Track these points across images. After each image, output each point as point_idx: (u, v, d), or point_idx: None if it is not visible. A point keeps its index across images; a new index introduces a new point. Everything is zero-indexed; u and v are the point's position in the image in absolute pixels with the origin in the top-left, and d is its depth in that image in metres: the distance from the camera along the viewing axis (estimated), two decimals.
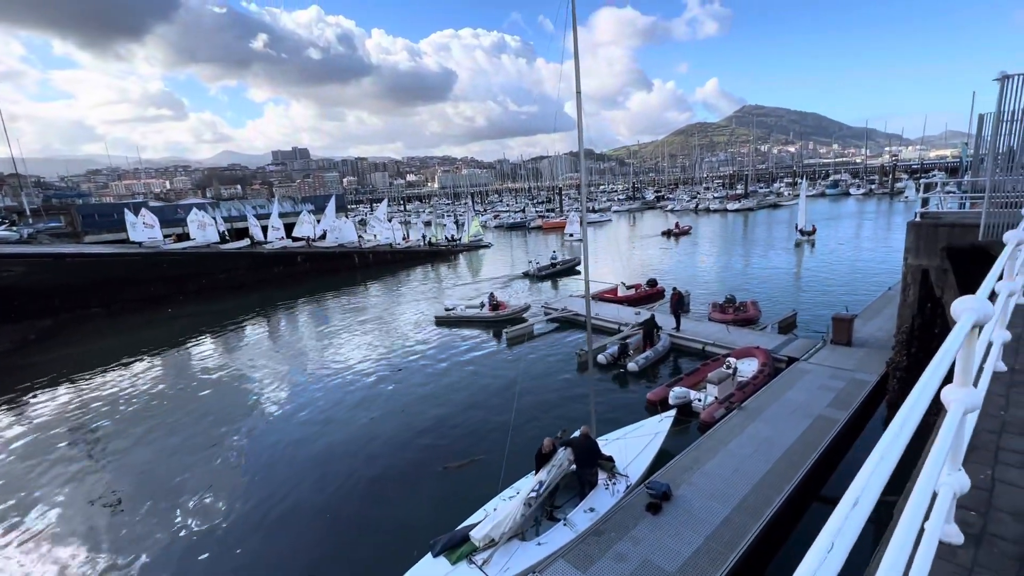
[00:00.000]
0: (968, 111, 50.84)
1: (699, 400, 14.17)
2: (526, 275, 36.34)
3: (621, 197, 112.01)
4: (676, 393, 14.08)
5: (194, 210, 41.61)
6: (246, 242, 44.63)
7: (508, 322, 23.77)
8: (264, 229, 46.65)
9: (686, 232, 55.23)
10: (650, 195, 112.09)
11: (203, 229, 40.53)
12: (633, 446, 11.38)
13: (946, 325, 12.22)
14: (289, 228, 47.15)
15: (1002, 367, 4.60)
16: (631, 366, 17.10)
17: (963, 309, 2.13)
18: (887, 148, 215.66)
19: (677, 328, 19.89)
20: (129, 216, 40.81)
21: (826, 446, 10.92)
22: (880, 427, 12.91)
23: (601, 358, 17.96)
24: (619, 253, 44.41)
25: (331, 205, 50.95)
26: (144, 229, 40.61)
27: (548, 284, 34.06)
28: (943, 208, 14.09)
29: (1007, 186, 10.53)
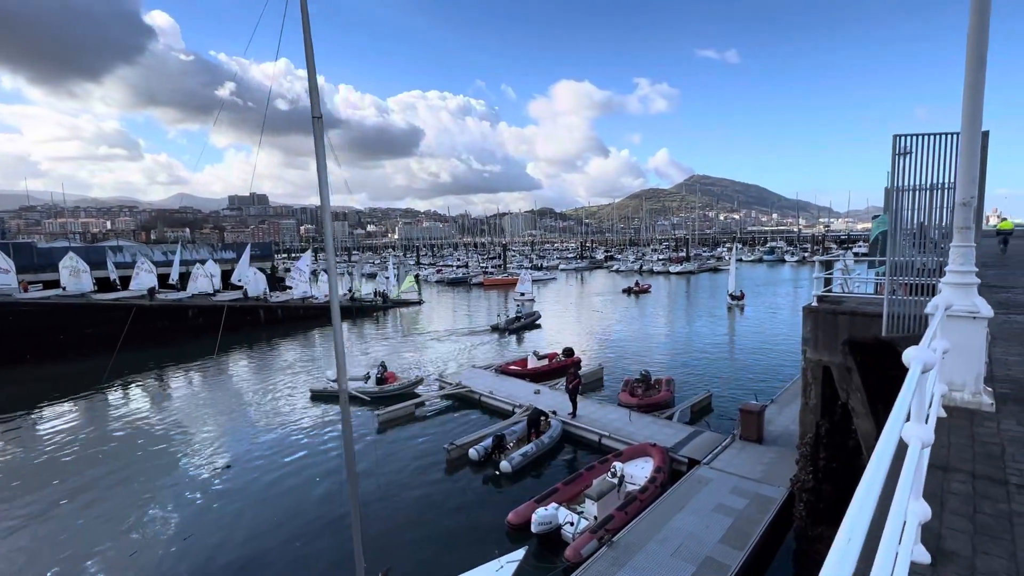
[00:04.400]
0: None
1: (571, 524, 11.01)
2: (495, 328, 35.80)
3: (570, 256, 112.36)
4: (540, 517, 10.88)
5: (69, 254, 36.55)
6: (124, 293, 39.53)
7: (395, 398, 20.26)
8: (163, 277, 41.75)
9: (646, 290, 55.65)
10: (600, 255, 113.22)
11: (77, 276, 35.38)
12: None
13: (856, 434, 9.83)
14: (185, 277, 42.44)
15: None
16: (504, 466, 13.86)
17: None
18: (820, 219, 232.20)
19: (573, 414, 16.98)
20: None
21: None
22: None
23: (473, 453, 14.68)
24: (553, 312, 42.07)
25: (245, 254, 46.81)
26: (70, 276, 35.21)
27: (515, 338, 33.62)
28: (848, 290, 12.17)
29: (913, 268, 8.52)
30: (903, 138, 8.03)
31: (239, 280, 45.20)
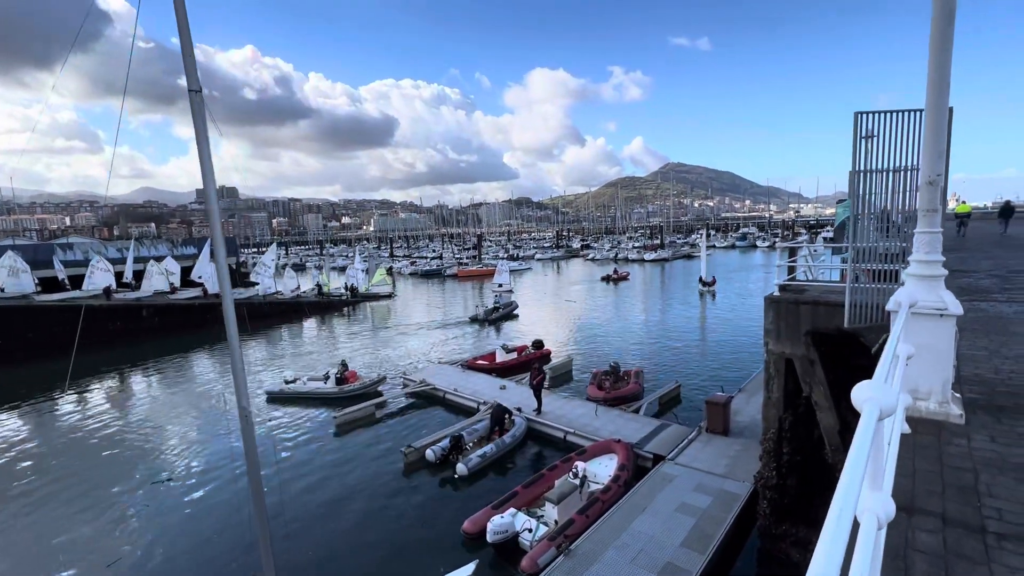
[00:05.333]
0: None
1: (529, 531, 10.43)
2: (474, 319, 35.39)
3: (547, 245, 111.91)
4: (496, 526, 10.24)
5: (8, 253, 34.16)
6: (71, 293, 37.41)
7: (357, 398, 19.35)
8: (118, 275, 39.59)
9: (624, 278, 56.06)
10: (576, 243, 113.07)
11: (16, 276, 33.11)
12: None
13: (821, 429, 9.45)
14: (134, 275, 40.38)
15: None
16: (460, 468, 13.19)
17: None
18: (791, 205, 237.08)
19: (538, 411, 16.41)
20: None
21: None
22: None
23: (430, 454, 13.97)
24: (531, 302, 41.44)
25: (205, 250, 44.80)
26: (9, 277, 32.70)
27: (494, 328, 33.37)
28: (812, 277, 11.76)
29: (876, 254, 8.06)
30: (865, 115, 7.52)
31: (199, 277, 43.31)
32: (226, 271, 6.14)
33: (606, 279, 55.78)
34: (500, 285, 47.83)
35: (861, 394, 1.52)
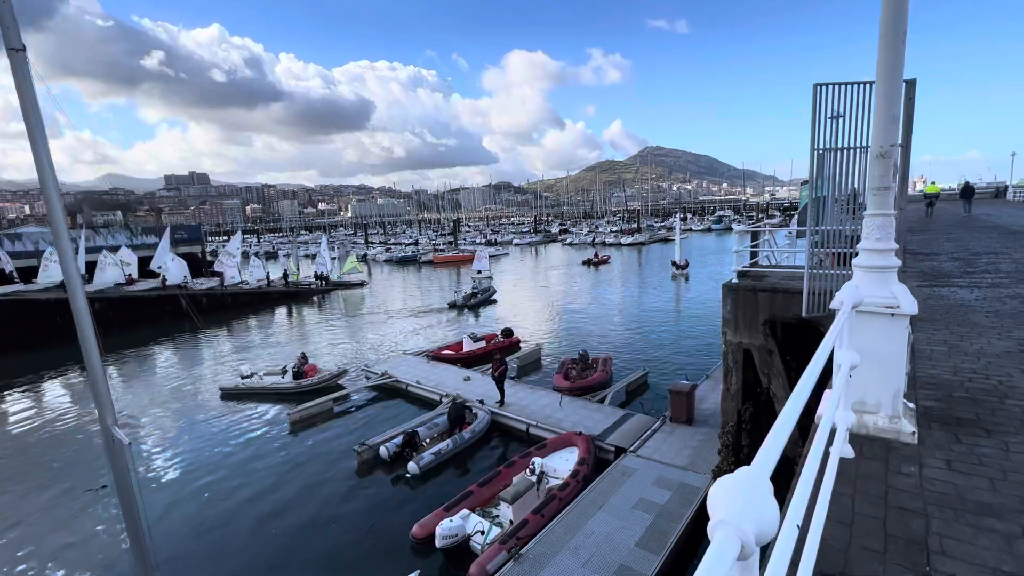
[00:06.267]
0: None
1: (482, 533, 9.90)
2: (452, 305, 35.08)
3: (525, 230, 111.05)
4: (445, 530, 9.68)
5: None
6: (14, 287, 35.46)
7: (315, 393, 18.51)
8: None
9: (605, 261, 56.43)
10: (555, 228, 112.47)
11: None
12: None
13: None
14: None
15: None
16: (411, 467, 12.57)
17: None
18: (767, 188, 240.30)
19: (501, 403, 15.86)
20: None
21: None
22: None
23: (383, 451, 13.33)
24: (509, 288, 40.77)
25: (165, 239, 42.83)
26: None
27: (472, 314, 33.13)
28: (777, 262, 11.33)
29: (833, 237, 7.56)
30: (825, 88, 6.93)
31: (159, 267, 41.42)
32: (72, 262, 5.26)
33: (587, 263, 55.77)
34: (479, 272, 47.00)
35: (716, 510, 0.87)
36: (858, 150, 7.03)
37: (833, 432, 2.73)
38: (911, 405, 3.25)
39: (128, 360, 26.21)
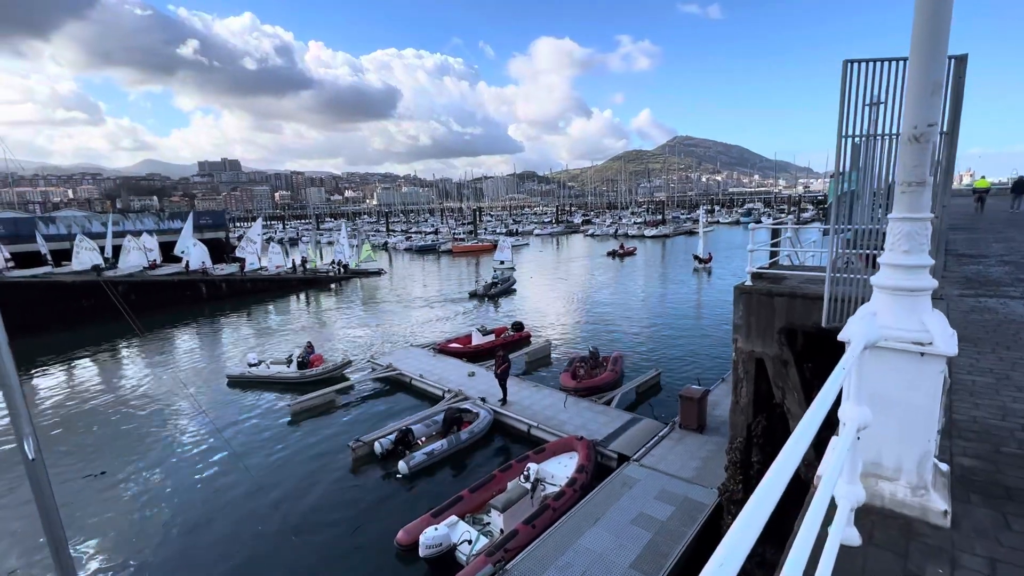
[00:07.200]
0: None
1: (468, 543, 9.40)
2: (473, 295, 34.93)
3: (547, 220, 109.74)
4: (429, 538, 9.20)
5: None
6: (44, 269, 36.58)
7: (319, 383, 18.33)
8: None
9: (631, 253, 55.53)
10: (578, 219, 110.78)
11: None
12: None
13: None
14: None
15: None
16: (401, 466, 12.14)
17: None
18: (800, 180, 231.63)
19: (503, 401, 15.30)
20: None
21: None
22: None
23: (378, 447, 12.97)
24: (529, 278, 40.10)
25: (188, 224, 43.62)
26: None
27: (492, 304, 32.80)
28: (801, 261, 10.33)
29: (868, 237, 6.62)
30: (856, 64, 5.99)
31: (181, 252, 42.22)
32: None
33: (612, 254, 54.75)
34: (502, 263, 46.24)
35: None
36: (895, 137, 6.09)
37: (833, 505, 2.03)
38: (943, 467, 2.49)
39: (145, 343, 26.66)
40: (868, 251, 6.29)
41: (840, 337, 2.34)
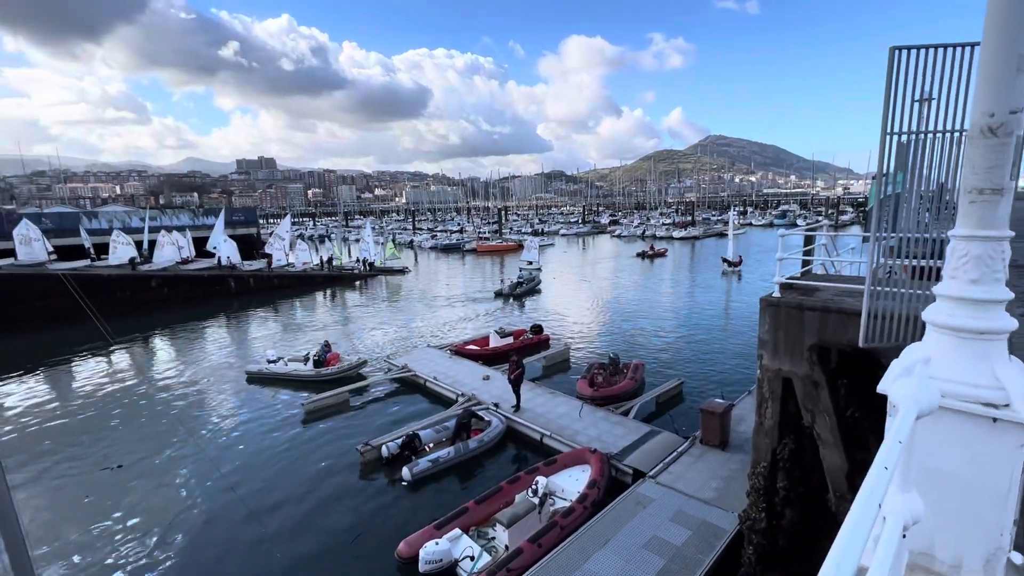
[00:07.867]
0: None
1: (471, 559, 9.00)
2: (498, 294, 35.05)
3: (573, 220, 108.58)
4: (429, 553, 8.84)
5: (24, 222, 34.65)
6: (84, 262, 37.95)
7: (334, 383, 18.30)
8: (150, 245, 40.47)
9: (661, 254, 54.72)
10: (605, 219, 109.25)
11: (28, 245, 33.60)
12: None
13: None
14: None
15: None
16: (405, 473, 11.82)
17: None
18: (840, 181, 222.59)
19: (516, 408, 14.84)
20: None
21: None
22: None
23: (385, 451, 12.73)
24: (554, 279, 39.58)
25: (219, 220, 44.84)
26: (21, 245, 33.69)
27: (519, 303, 33.01)
28: (837, 270, 9.50)
29: (914, 246, 5.85)
30: (905, 52, 5.27)
31: (213, 247, 43.37)
32: None
33: (642, 255, 53.78)
34: (529, 263, 45.67)
35: None
36: (951, 135, 5.33)
37: None
38: (1017, 560, 1.91)
39: (174, 336, 27.32)
40: (913, 262, 5.58)
41: (881, 389, 1.79)
